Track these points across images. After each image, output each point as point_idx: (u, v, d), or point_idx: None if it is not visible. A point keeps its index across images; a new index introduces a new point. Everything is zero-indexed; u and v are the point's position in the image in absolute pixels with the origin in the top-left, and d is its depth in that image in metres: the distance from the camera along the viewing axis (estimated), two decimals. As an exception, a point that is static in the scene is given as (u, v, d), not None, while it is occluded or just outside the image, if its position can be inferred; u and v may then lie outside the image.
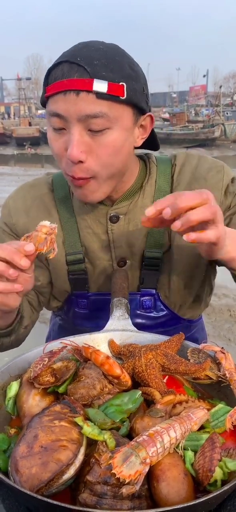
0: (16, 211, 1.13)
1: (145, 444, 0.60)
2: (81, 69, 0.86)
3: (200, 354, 0.85)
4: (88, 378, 0.78)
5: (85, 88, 0.86)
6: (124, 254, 1.12)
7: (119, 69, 0.89)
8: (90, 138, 0.91)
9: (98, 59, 0.88)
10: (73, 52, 0.90)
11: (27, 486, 0.58)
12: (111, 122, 0.90)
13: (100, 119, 0.89)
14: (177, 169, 1.10)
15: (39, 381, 0.78)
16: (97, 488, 0.59)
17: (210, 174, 1.07)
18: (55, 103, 0.90)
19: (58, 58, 0.93)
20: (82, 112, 0.88)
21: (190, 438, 0.66)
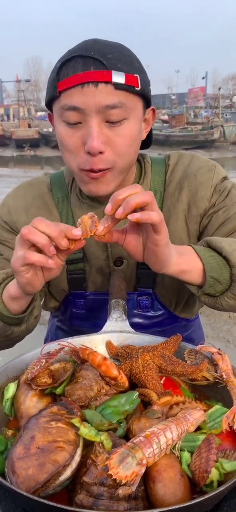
0: (16, 209, 1.13)
1: (142, 445, 0.60)
2: (97, 62, 0.88)
3: (197, 355, 0.85)
4: (85, 379, 0.79)
5: (104, 79, 0.88)
6: (121, 254, 1.13)
7: (130, 62, 0.93)
8: (108, 130, 0.93)
9: (111, 52, 0.90)
10: (84, 47, 0.91)
11: (24, 487, 0.58)
12: (128, 112, 0.92)
13: (119, 110, 0.91)
14: (170, 168, 1.12)
15: (37, 382, 0.78)
16: (93, 489, 0.59)
17: (200, 172, 1.09)
18: (71, 97, 0.90)
19: (66, 54, 0.93)
20: (101, 103, 0.89)
21: (186, 439, 0.66)
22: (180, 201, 1.09)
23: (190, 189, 1.08)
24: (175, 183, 1.10)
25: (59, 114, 0.94)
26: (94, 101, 0.89)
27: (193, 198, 1.08)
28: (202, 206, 1.07)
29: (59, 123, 0.96)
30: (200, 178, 1.08)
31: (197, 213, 1.08)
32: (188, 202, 1.08)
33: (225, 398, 0.80)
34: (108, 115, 0.91)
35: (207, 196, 1.07)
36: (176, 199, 1.09)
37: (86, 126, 0.92)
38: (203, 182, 1.08)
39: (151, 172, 1.12)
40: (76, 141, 0.94)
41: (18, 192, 1.17)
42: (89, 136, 0.91)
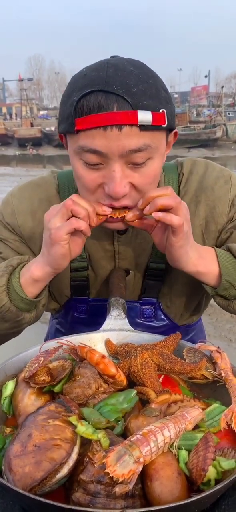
0: (21, 212, 1.08)
1: (139, 443, 0.60)
2: (121, 99, 0.79)
3: (196, 353, 0.85)
4: (84, 377, 0.79)
5: (129, 122, 0.79)
6: (128, 265, 1.11)
7: (157, 94, 0.84)
8: (131, 171, 0.87)
9: (135, 85, 0.80)
10: (105, 79, 0.81)
11: (20, 485, 0.58)
12: (152, 152, 0.86)
13: (143, 152, 0.84)
14: (185, 178, 1.07)
15: (35, 380, 0.78)
16: (90, 487, 0.59)
17: (217, 185, 1.05)
18: (92, 138, 0.82)
19: (83, 83, 0.83)
20: (126, 148, 0.82)
21: (184, 438, 0.66)
22: (197, 216, 1.05)
23: (207, 203, 1.05)
24: (191, 195, 1.06)
25: (76, 152, 0.87)
26: (118, 145, 0.81)
27: (211, 213, 1.05)
28: (221, 222, 1.05)
29: (76, 160, 0.89)
30: (217, 192, 1.04)
31: (215, 229, 1.06)
32: (206, 217, 1.05)
33: (224, 397, 0.80)
34: (132, 158, 0.84)
35: (225, 212, 1.04)
36: (192, 214, 1.03)
37: (108, 168, 0.85)
38: (221, 196, 1.04)
39: (164, 182, 1.07)
40: (95, 181, 0.88)
41: (23, 193, 1.11)
42: (111, 180, 0.85)
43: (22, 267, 0.97)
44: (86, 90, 0.81)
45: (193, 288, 1.11)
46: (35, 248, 1.09)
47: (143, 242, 1.08)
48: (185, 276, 1.04)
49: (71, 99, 0.84)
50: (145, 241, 1.07)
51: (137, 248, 1.08)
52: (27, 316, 0.99)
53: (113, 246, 1.09)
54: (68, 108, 0.85)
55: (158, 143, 0.86)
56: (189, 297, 1.14)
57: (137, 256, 1.09)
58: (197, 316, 1.24)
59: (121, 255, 1.09)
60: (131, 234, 1.07)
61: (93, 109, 0.80)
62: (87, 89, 0.81)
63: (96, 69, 0.84)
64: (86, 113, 0.81)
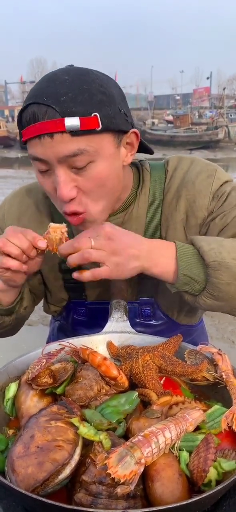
0: (10, 217, 1.14)
1: (140, 445, 0.60)
2: (50, 109, 0.83)
3: (197, 355, 0.85)
4: (86, 379, 0.79)
5: (58, 129, 0.83)
6: None
7: (89, 98, 0.85)
8: (75, 175, 0.89)
9: (65, 93, 0.84)
10: (39, 91, 0.86)
11: (23, 486, 0.58)
12: (91, 155, 0.87)
13: (81, 156, 0.86)
14: (169, 175, 1.08)
15: (37, 382, 0.79)
16: (92, 488, 0.60)
17: (199, 179, 1.04)
18: (33, 147, 0.88)
19: (27, 97, 0.90)
20: (60, 154, 0.85)
21: (185, 439, 0.66)
22: (177, 211, 1.06)
23: (187, 198, 1.05)
24: (173, 191, 1.07)
25: (30, 160, 0.93)
26: (52, 151, 0.85)
27: (190, 207, 1.04)
28: (201, 215, 1.04)
29: (34, 166, 0.94)
30: (198, 186, 1.04)
31: (195, 223, 1.05)
32: (186, 211, 1.05)
33: (225, 398, 0.80)
34: (72, 162, 0.87)
35: (205, 205, 1.03)
36: (173, 208, 1.06)
37: (54, 174, 0.90)
38: (201, 190, 1.03)
39: (149, 180, 1.08)
40: (50, 186, 0.93)
41: (15, 199, 1.16)
42: (57, 184, 0.89)
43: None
44: (24, 104, 0.88)
45: None
46: None
47: None
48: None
49: (19, 113, 0.91)
50: None
51: None
52: (7, 319, 1.06)
53: None
54: (18, 124, 0.92)
55: (97, 146, 0.87)
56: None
57: None
58: (197, 315, 1.24)
59: None
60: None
61: (30, 120, 0.86)
62: (25, 103, 0.88)
63: (39, 82, 0.91)
64: (25, 125, 0.88)
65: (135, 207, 1.08)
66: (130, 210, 1.07)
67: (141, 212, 1.08)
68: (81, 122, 0.83)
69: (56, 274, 1.14)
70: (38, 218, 1.13)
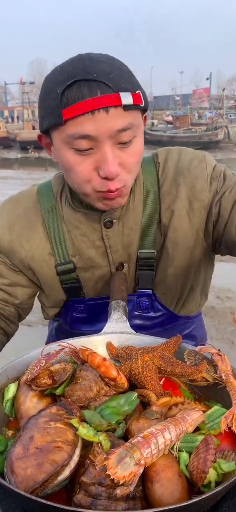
0: (0, 228, 1.12)
1: (140, 446, 0.60)
2: (102, 85, 0.85)
3: (197, 356, 0.85)
4: (85, 380, 0.79)
5: (114, 103, 0.85)
6: (121, 258, 1.12)
7: (130, 77, 0.91)
8: (120, 151, 0.92)
9: (111, 72, 0.87)
10: (83, 69, 0.86)
11: (22, 487, 0.58)
12: (136, 130, 0.92)
13: (129, 131, 0.90)
14: (161, 167, 1.11)
15: (37, 383, 0.79)
16: (92, 489, 0.59)
17: (193, 165, 1.08)
18: (81, 125, 0.86)
19: (61, 76, 0.88)
20: (114, 128, 0.87)
21: (185, 440, 0.66)
22: (179, 198, 1.07)
23: (186, 184, 1.07)
24: (170, 180, 1.09)
25: (65, 142, 0.90)
26: (106, 127, 0.86)
27: (192, 192, 1.07)
28: (203, 198, 1.06)
29: (65, 151, 0.92)
30: (194, 171, 1.07)
31: (199, 205, 1.06)
32: (188, 197, 1.07)
33: (225, 399, 0.80)
34: (120, 137, 0.89)
35: (205, 188, 1.06)
36: (175, 197, 1.08)
37: (99, 151, 0.90)
38: (198, 175, 1.06)
39: (142, 174, 1.10)
40: (88, 167, 0.92)
41: (4, 209, 1.15)
42: (104, 162, 0.90)
43: None
44: (68, 82, 0.86)
45: (185, 269, 1.13)
46: (16, 262, 1.12)
47: (131, 232, 1.10)
48: (177, 259, 1.09)
49: (53, 93, 0.88)
50: (132, 231, 1.10)
51: (126, 238, 1.10)
52: None
53: (103, 241, 1.10)
54: (52, 102, 0.88)
55: (138, 122, 0.93)
56: (182, 279, 1.15)
57: (127, 247, 1.11)
58: (195, 305, 1.24)
59: (113, 248, 1.11)
60: (117, 226, 1.09)
61: (79, 97, 0.85)
62: (69, 81, 0.86)
63: (71, 63, 0.90)
64: (72, 102, 0.85)
65: (131, 200, 1.09)
66: (127, 203, 1.09)
67: (137, 203, 1.09)
68: (133, 98, 0.88)
69: (54, 278, 1.14)
70: (30, 225, 1.11)
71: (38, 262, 1.11)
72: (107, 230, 1.09)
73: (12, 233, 1.10)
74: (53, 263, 1.12)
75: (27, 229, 1.11)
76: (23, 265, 1.12)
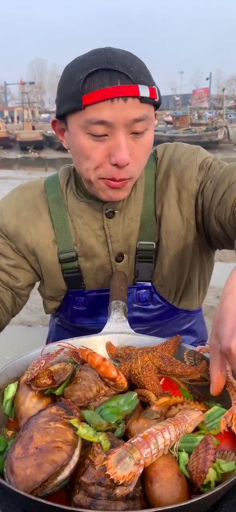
0: (7, 212, 1.15)
1: (139, 446, 0.60)
2: (123, 76, 0.90)
3: (196, 356, 0.85)
4: (85, 380, 0.79)
5: (133, 94, 0.90)
6: (121, 249, 1.15)
7: (147, 73, 0.97)
8: (132, 141, 0.96)
9: (131, 65, 0.92)
10: (105, 60, 0.91)
11: (22, 487, 0.58)
12: (149, 123, 0.97)
13: (143, 122, 0.95)
14: (159, 161, 1.16)
15: (37, 383, 0.79)
16: (91, 489, 0.59)
17: (184, 157, 1.12)
18: (99, 111, 0.91)
19: (83, 64, 0.93)
20: (130, 117, 0.92)
21: (184, 440, 0.66)
22: (169, 189, 1.12)
23: (176, 175, 1.11)
24: (163, 173, 1.14)
25: (82, 127, 0.94)
26: (123, 115, 0.91)
27: (180, 182, 1.11)
28: (192, 188, 1.09)
29: (81, 135, 0.96)
30: (184, 162, 1.11)
31: (188, 195, 1.10)
32: (177, 187, 1.11)
33: (225, 399, 0.80)
34: (134, 127, 0.94)
35: (193, 177, 1.09)
36: (165, 187, 1.13)
37: (113, 139, 0.94)
38: (187, 165, 1.10)
39: (144, 168, 1.13)
40: (101, 153, 0.96)
41: (12, 196, 1.19)
42: (117, 149, 0.94)
43: None
44: (91, 70, 0.91)
45: (180, 259, 1.15)
46: (21, 247, 1.15)
47: (131, 222, 1.13)
48: (171, 249, 1.12)
49: (75, 79, 0.92)
50: (132, 222, 1.13)
51: (126, 229, 1.13)
52: None
53: (104, 230, 1.13)
54: (73, 88, 0.93)
55: (152, 115, 0.98)
56: (178, 270, 1.16)
57: (127, 237, 1.14)
58: (194, 299, 1.25)
59: (113, 238, 1.14)
60: (119, 217, 1.13)
61: (100, 85, 0.90)
62: (91, 69, 0.91)
63: (94, 54, 0.95)
64: (93, 89, 0.90)
65: (133, 192, 1.13)
66: (129, 194, 1.12)
67: (139, 195, 1.14)
68: (150, 91, 0.93)
69: (56, 266, 1.16)
70: (37, 211, 1.16)
71: (42, 248, 1.14)
72: (109, 220, 1.12)
73: (19, 218, 1.14)
74: (56, 250, 1.15)
75: (34, 215, 1.15)
76: (28, 250, 1.15)
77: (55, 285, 1.19)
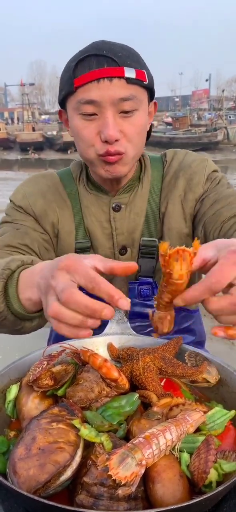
0: (32, 194, 1.18)
1: (141, 446, 0.61)
2: (110, 60, 0.97)
3: (197, 357, 0.86)
4: (87, 381, 0.79)
5: (118, 74, 0.97)
6: (124, 242, 1.19)
7: (137, 59, 1.03)
8: (121, 120, 1.01)
9: (120, 51, 0.99)
10: (96, 47, 0.99)
11: (25, 488, 0.59)
12: (138, 104, 1.02)
13: (131, 101, 1.00)
14: (167, 164, 1.22)
15: (38, 384, 0.79)
16: (93, 490, 0.60)
17: (194, 163, 1.18)
18: (88, 91, 0.98)
19: (78, 54, 1.01)
20: (116, 95, 0.98)
21: (186, 440, 0.67)
22: (176, 188, 1.17)
23: (185, 177, 1.17)
24: (172, 174, 1.19)
25: (75, 108, 1.02)
26: (109, 94, 0.97)
27: (188, 184, 1.16)
28: (198, 191, 1.15)
29: (75, 117, 1.03)
30: (194, 167, 1.17)
31: (193, 197, 1.15)
32: (184, 188, 1.16)
33: (226, 400, 0.81)
34: (122, 106, 0.99)
35: (201, 182, 1.15)
36: (172, 186, 1.18)
37: (102, 117, 1.00)
38: (197, 171, 1.16)
39: (150, 167, 1.21)
40: (92, 132, 1.02)
41: (32, 181, 1.22)
42: (105, 126, 0.99)
43: (23, 269, 0.84)
44: (81, 56, 0.99)
45: None
46: (47, 227, 1.18)
47: (136, 217, 1.18)
48: (174, 242, 1.15)
49: (69, 68, 1.01)
50: (137, 217, 1.18)
51: (131, 223, 1.18)
52: (28, 325, 0.87)
53: (109, 223, 1.18)
54: (67, 74, 1.02)
55: (142, 97, 1.03)
56: None
57: (132, 232, 1.18)
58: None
59: (118, 231, 1.18)
60: (124, 211, 1.17)
61: (88, 68, 0.97)
62: (82, 56, 0.99)
63: (88, 45, 1.03)
64: (82, 72, 0.98)
65: (139, 188, 1.19)
66: (135, 190, 1.19)
67: (145, 191, 1.20)
68: (136, 73, 0.99)
69: (70, 251, 1.18)
70: (61, 197, 1.20)
71: (65, 231, 1.18)
72: (115, 213, 1.17)
73: (46, 199, 1.18)
74: (74, 238, 1.19)
75: (60, 200, 1.19)
76: (53, 230, 1.18)
77: None
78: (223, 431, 0.72)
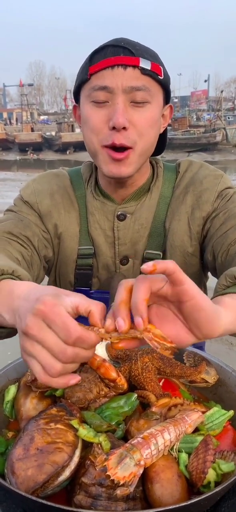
0: (41, 192, 1.18)
1: (140, 446, 0.61)
2: (126, 50, 0.98)
3: (196, 357, 0.86)
4: (85, 381, 0.79)
5: (132, 63, 0.97)
6: (127, 252, 1.16)
7: (155, 56, 1.03)
8: (132, 110, 1.00)
9: (138, 46, 1.01)
10: (114, 40, 1.01)
11: (23, 488, 0.59)
12: (151, 96, 1.00)
13: (143, 92, 0.99)
14: (180, 176, 1.17)
15: (37, 384, 0.79)
16: (92, 490, 0.60)
17: (207, 179, 1.13)
18: (102, 77, 0.99)
19: (96, 49, 1.02)
20: (128, 83, 0.97)
21: (184, 441, 0.67)
22: (183, 203, 1.13)
23: (194, 193, 1.12)
24: (182, 188, 1.15)
25: (87, 96, 1.02)
26: (122, 81, 0.97)
27: (197, 201, 1.11)
28: (206, 209, 1.10)
29: (86, 104, 1.03)
30: (205, 184, 1.12)
31: (200, 215, 1.11)
32: (192, 205, 1.12)
33: (224, 400, 0.81)
34: (133, 96, 0.98)
35: (211, 200, 1.10)
36: (180, 202, 1.13)
37: (113, 104, 0.99)
38: (208, 188, 1.11)
39: (162, 177, 1.17)
40: (101, 118, 1.01)
41: (43, 179, 1.22)
42: (114, 112, 0.98)
43: (2, 279, 0.78)
44: (99, 48, 1.01)
45: (185, 269, 1.13)
46: (49, 226, 1.17)
47: (141, 229, 1.14)
48: (177, 259, 1.12)
49: (86, 59, 1.03)
50: (142, 228, 1.14)
51: (135, 234, 1.14)
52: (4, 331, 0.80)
53: (113, 232, 1.15)
54: (84, 65, 1.03)
55: (155, 91, 1.02)
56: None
57: (135, 243, 1.15)
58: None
59: (121, 241, 1.15)
60: (129, 221, 1.14)
61: (104, 56, 0.99)
62: (99, 48, 1.01)
63: (107, 42, 1.03)
64: (98, 60, 0.99)
65: (147, 198, 1.15)
66: (143, 200, 1.15)
67: (153, 203, 1.15)
68: (151, 65, 0.99)
69: (72, 257, 1.18)
70: (70, 200, 1.18)
71: (69, 234, 1.17)
72: (119, 222, 1.14)
73: (53, 200, 1.17)
74: (77, 242, 1.17)
75: (67, 203, 1.18)
76: (55, 231, 1.17)
77: (65, 275, 1.20)
78: (222, 431, 0.73)
